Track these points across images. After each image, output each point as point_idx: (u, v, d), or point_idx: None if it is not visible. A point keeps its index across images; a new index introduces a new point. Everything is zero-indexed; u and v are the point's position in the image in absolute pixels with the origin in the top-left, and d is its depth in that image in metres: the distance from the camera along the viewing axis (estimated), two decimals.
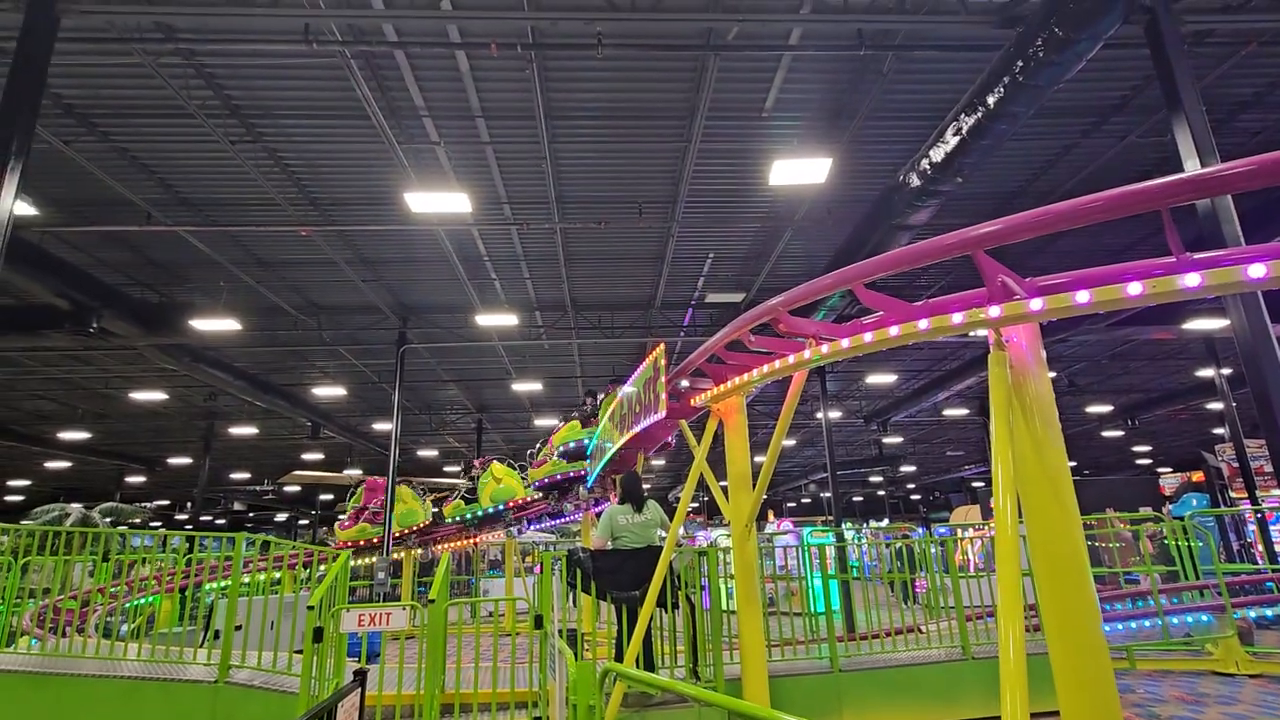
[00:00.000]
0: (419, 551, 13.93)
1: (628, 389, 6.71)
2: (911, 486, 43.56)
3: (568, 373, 18.21)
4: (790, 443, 27.52)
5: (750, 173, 9.13)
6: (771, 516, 28.15)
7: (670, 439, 7.87)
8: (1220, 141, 5.53)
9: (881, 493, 42.86)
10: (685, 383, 5.42)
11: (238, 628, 5.51)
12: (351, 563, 9.85)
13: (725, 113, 7.92)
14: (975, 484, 33.49)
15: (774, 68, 7.19)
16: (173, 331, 11.40)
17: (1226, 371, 14.11)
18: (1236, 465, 13.98)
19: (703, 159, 8.71)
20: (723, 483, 5.43)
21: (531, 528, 14.44)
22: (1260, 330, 4.67)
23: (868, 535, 17.71)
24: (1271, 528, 12.63)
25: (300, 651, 4.18)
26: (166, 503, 38.56)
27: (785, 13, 6.35)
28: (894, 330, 3.16)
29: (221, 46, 6.55)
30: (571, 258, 11.62)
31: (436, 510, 13.65)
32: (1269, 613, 8.67)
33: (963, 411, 22.15)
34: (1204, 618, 8.05)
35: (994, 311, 2.73)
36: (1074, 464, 30.58)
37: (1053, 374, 17.44)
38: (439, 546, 13.60)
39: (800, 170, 7.65)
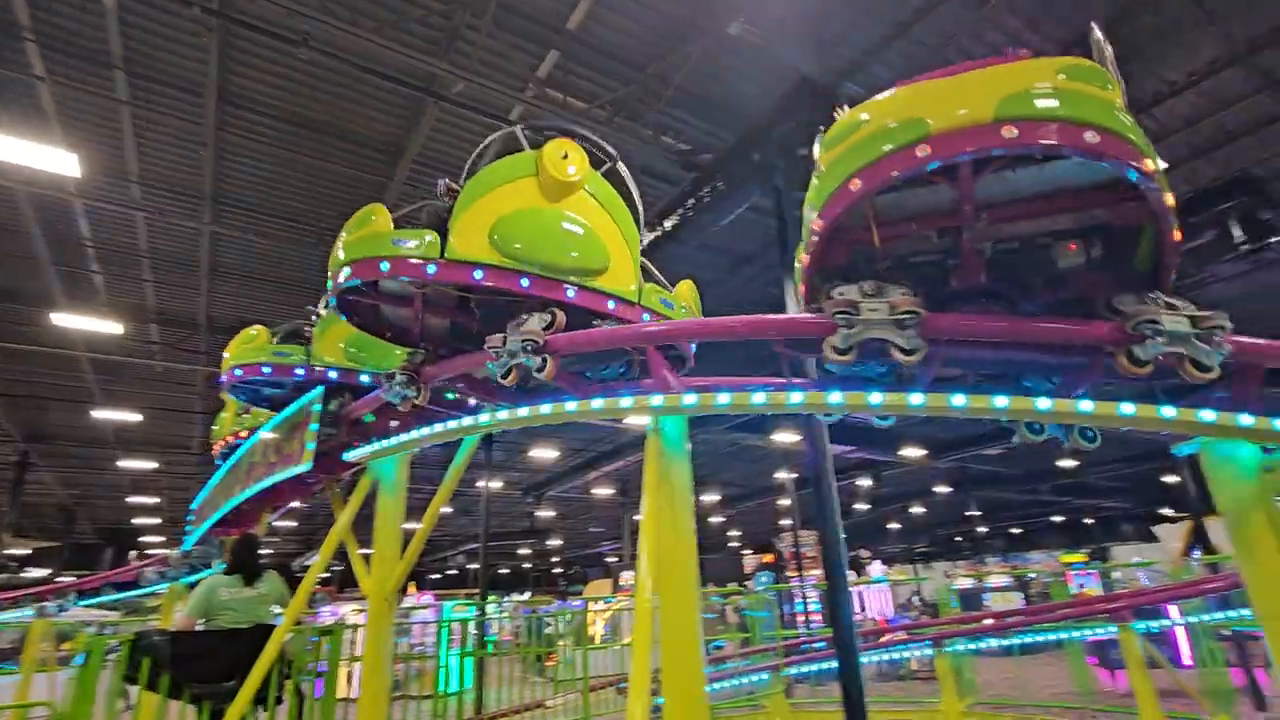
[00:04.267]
0: None
1: (265, 433, 5.67)
2: (555, 560, 45.45)
3: (183, 405, 14.83)
4: (446, 510, 26.53)
5: None
6: (412, 589, 26.30)
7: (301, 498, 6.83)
8: None
9: (527, 565, 43.77)
10: (338, 432, 4.80)
11: None
12: None
13: (438, 163, 7.75)
14: (608, 559, 36.50)
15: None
16: None
17: (794, 476, 18.28)
18: (794, 550, 17.94)
19: (404, 202, 8.29)
20: (365, 550, 4.84)
21: (80, 604, 10.87)
22: (821, 446, 6.13)
23: (508, 609, 17.71)
24: (810, 600, 16.33)
25: None
26: None
27: (510, 89, 6.61)
28: (571, 406, 3.30)
29: None
30: (219, 269, 9.74)
31: None
32: (807, 669, 10.96)
33: (609, 491, 24.27)
34: (764, 676, 9.84)
35: (656, 400, 3.05)
36: None
37: None
38: None
39: None
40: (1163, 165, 2.48)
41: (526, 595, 33.27)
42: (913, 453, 17.77)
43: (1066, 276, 2.87)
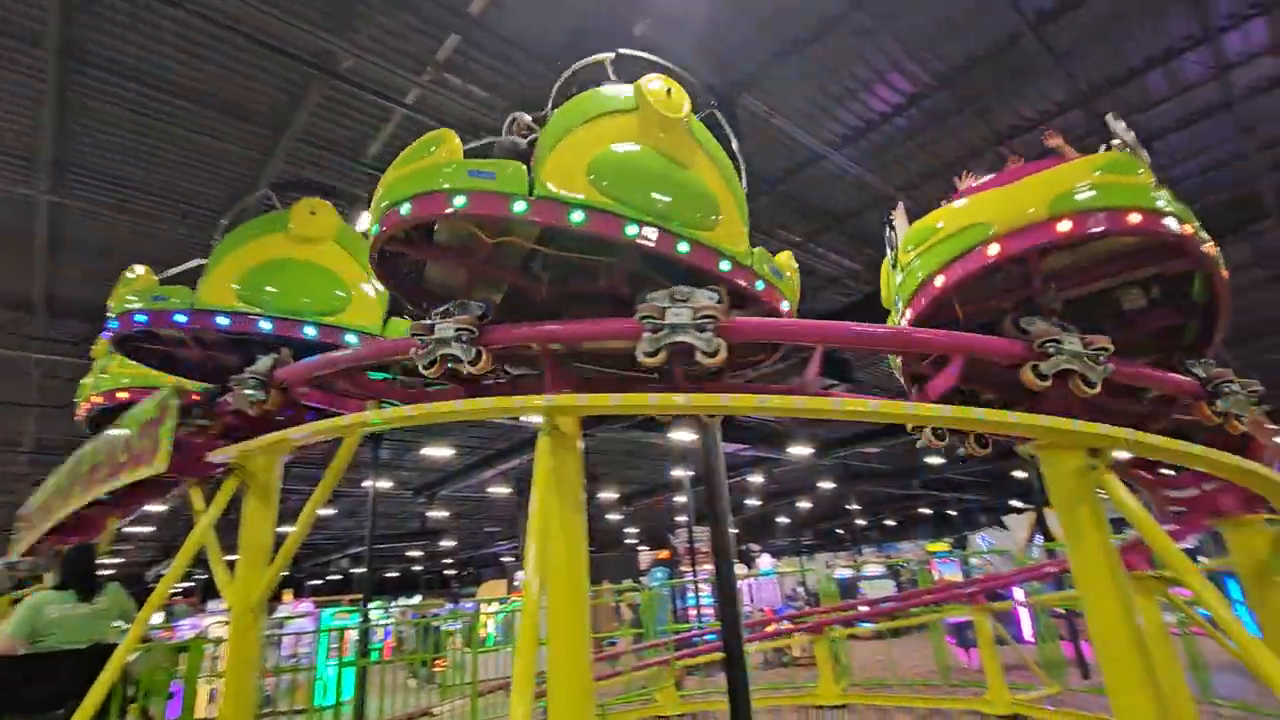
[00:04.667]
0: None
1: (112, 432, 5.08)
2: (448, 561, 44.02)
3: (15, 397, 13.05)
4: (329, 512, 24.96)
5: (339, 212, 8.45)
6: (288, 597, 24.53)
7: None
8: None
9: (418, 568, 42.09)
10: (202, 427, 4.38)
11: None
12: None
13: (323, 142, 7.27)
14: (505, 559, 35.83)
15: (388, 118, 7.01)
16: None
17: (690, 473, 18.73)
18: (688, 546, 18.38)
19: (283, 180, 7.72)
20: (231, 556, 4.46)
21: None
22: (714, 444, 6.32)
23: (396, 613, 16.97)
24: (702, 594, 16.79)
25: None
26: None
27: (407, 70, 6.31)
28: (459, 404, 3.19)
29: None
30: (62, 244, 8.65)
31: None
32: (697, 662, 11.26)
33: (505, 490, 23.79)
34: (655, 670, 10.02)
35: (549, 399, 3.01)
36: None
37: None
38: None
39: None
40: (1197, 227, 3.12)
41: (416, 599, 32.01)
42: (801, 451, 18.71)
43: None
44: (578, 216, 2.74)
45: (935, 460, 23.92)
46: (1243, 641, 2.60)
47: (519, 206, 2.72)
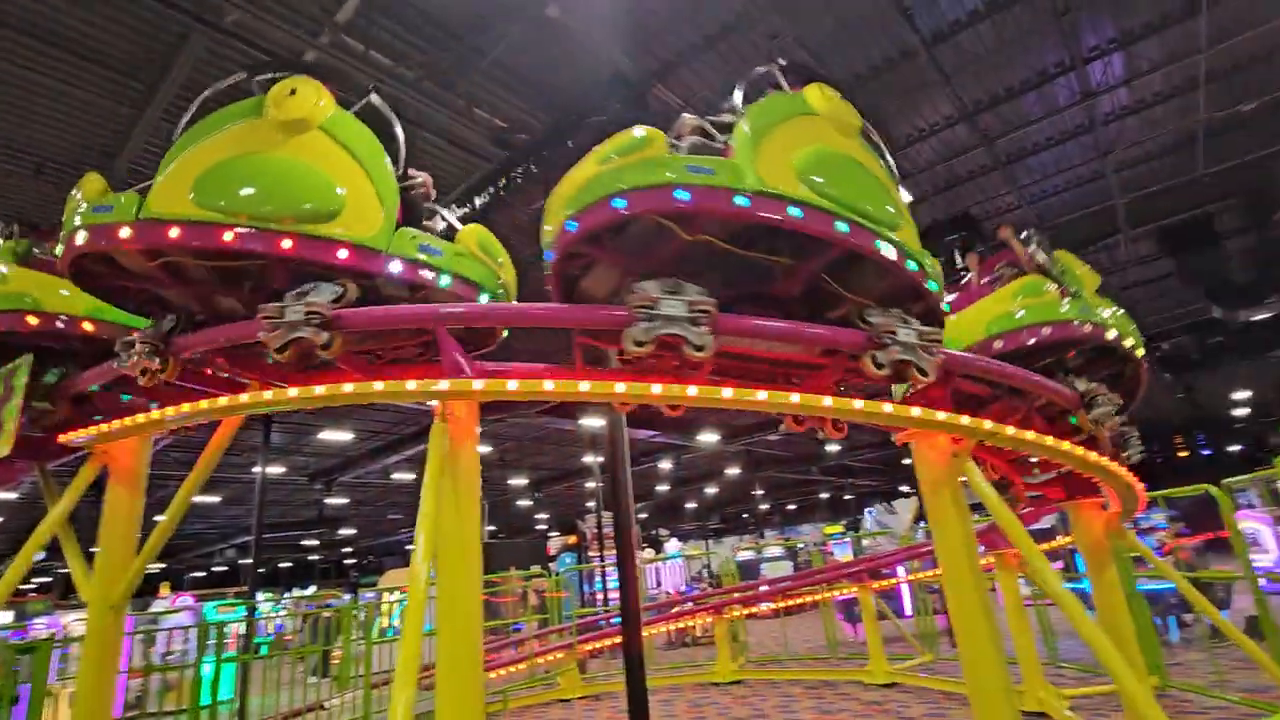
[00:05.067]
0: None
1: None
2: (348, 550, 42.18)
3: None
4: (211, 499, 23.28)
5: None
6: (165, 591, 22.71)
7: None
8: None
9: (315, 557, 40.08)
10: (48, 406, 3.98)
11: None
12: None
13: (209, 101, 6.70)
14: (409, 547, 34.64)
15: (279, 77, 6.53)
16: None
17: (600, 460, 18.83)
18: (596, 531, 18.52)
19: (157, 138, 7.05)
20: (92, 549, 4.09)
21: None
22: (619, 431, 6.38)
23: (288, 606, 16.13)
24: (610, 579, 16.99)
25: None
26: None
27: (302, 30, 5.92)
28: (348, 387, 3.07)
29: None
30: None
31: None
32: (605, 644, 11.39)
33: (410, 476, 23.03)
34: (560, 655, 10.07)
35: (443, 385, 2.95)
36: (492, 527, 35.16)
37: (487, 448, 19.72)
38: None
39: None
40: (1115, 335, 4.22)
41: (311, 589, 30.50)
42: (709, 437, 19.23)
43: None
44: (795, 211, 2.79)
45: (833, 448, 25.26)
46: (1069, 610, 2.94)
47: (741, 201, 2.73)
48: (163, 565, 32.15)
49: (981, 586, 3.19)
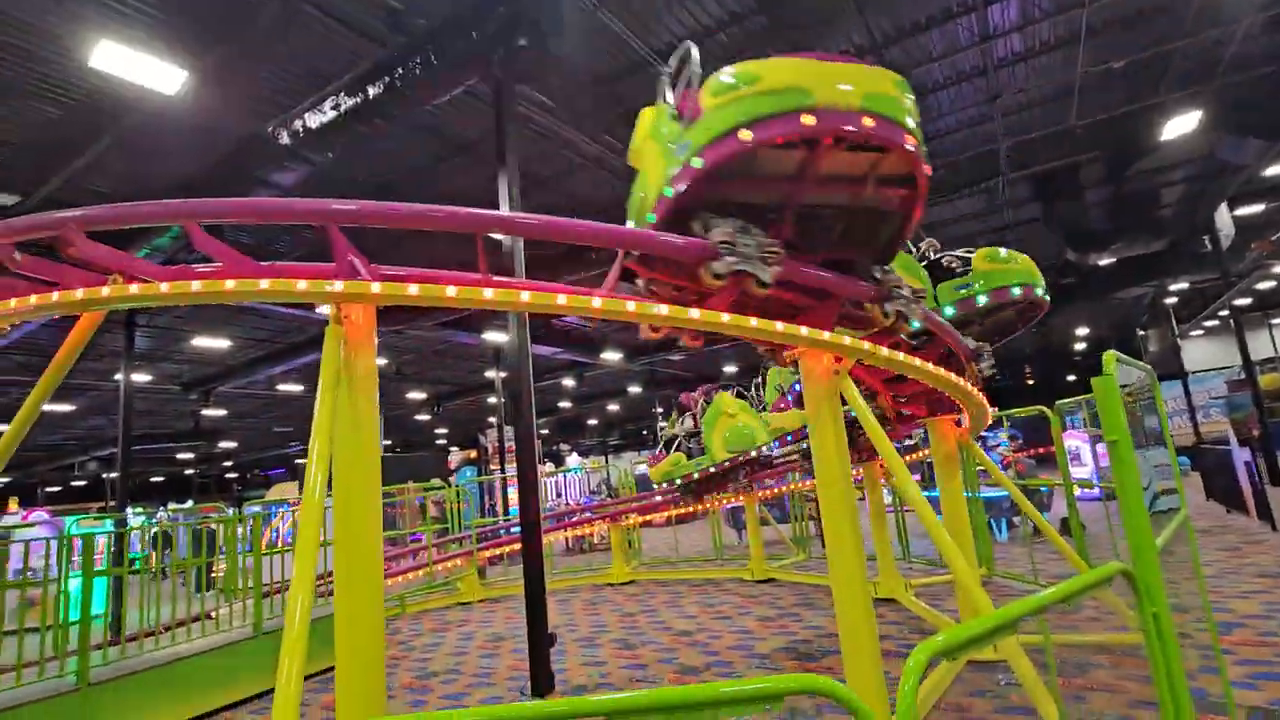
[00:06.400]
0: None
1: None
2: (229, 464, 40.07)
3: None
4: (65, 408, 21.17)
5: (59, 37, 6.68)
6: (15, 505, 20.80)
7: None
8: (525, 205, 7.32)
9: (191, 471, 37.89)
10: None
11: None
12: None
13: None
14: (299, 460, 33.49)
15: None
16: None
17: (503, 374, 18.69)
18: (498, 445, 18.63)
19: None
20: None
21: None
22: (521, 344, 6.34)
23: (162, 519, 15.30)
24: (510, 491, 17.27)
25: None
26: None
27: None
28: (230, 284, 2.86)
29: None
30: None
31: None
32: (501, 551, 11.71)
33: (298, 388, 21.91)
34: (459, 562, 10.31)
35: (338, 286, 2.81)
36: (389, 442, 34.48)
37: (384, 361, 19.02)
38: None
39: (142, 68, 6.13)
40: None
41: (188, 504, 28.98)
42: (612, 356, 19.48)
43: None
44: (907, 125, 3.05)
45: (730, 368, 26.39)
46: (922, 512, 3.36)
47: (867, 121, 2.89)
48: (6, 479, 29.39)
49: (850, 493, 3.56)
